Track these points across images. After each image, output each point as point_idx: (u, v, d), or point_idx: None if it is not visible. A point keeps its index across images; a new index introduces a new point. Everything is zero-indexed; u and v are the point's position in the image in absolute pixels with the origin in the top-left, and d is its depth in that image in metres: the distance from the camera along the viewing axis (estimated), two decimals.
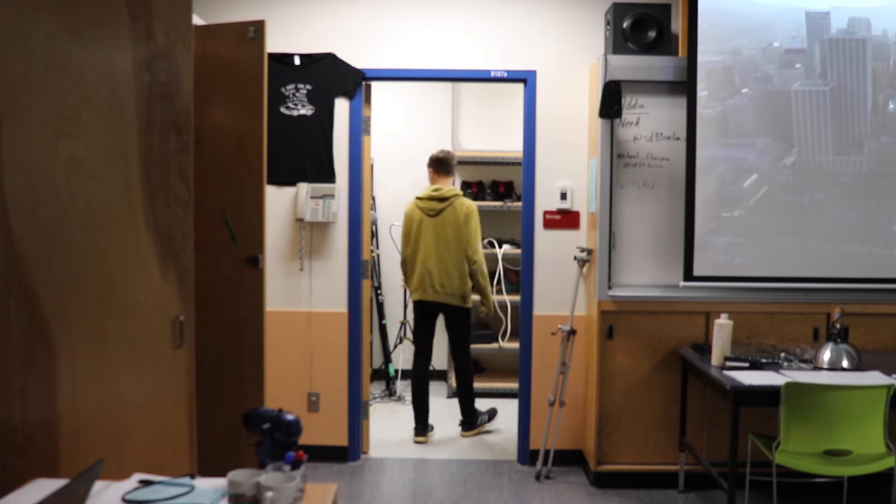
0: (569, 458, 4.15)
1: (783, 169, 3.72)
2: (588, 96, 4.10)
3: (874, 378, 3.09)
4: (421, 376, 4.60)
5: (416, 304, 4.57)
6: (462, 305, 4.49)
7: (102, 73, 2.07)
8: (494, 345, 5.61)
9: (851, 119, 3.70)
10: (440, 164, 4.56)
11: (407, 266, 4.61)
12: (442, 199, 4.45)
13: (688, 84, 3.69)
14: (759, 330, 3.79)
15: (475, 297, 4.72)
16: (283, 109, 4.10)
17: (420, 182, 5.96)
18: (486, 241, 5.48)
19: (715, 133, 3.70)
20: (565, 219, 4.15)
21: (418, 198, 4.53)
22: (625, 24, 3.79)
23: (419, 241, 4.47)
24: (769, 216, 3.72)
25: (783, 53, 3.68)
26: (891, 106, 3.71)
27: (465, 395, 4.63)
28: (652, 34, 3.79)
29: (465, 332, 4.57)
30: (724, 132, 3.71)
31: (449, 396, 5.58)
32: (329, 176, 4.13)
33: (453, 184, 4.78)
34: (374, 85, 4.39)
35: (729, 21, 3.69)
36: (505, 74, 4.13)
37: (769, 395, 2.93)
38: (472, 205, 4.46)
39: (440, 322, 4.65)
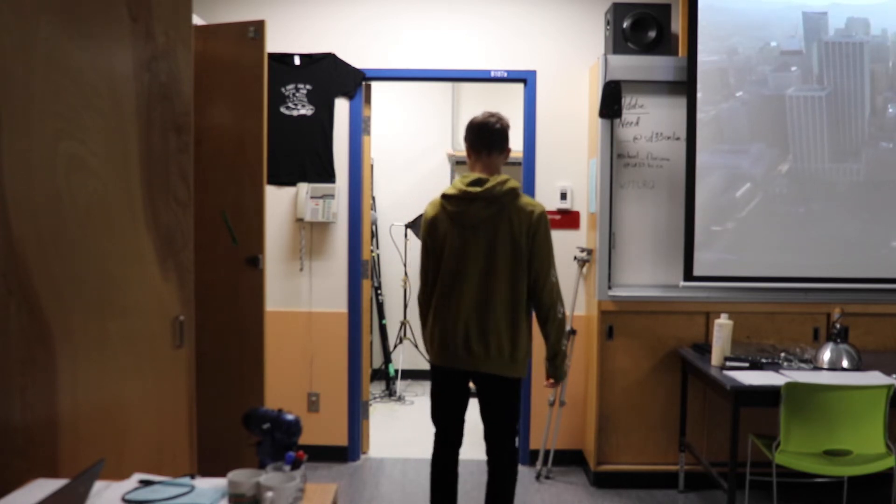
0: (569, 458, 4.15)
1: (778, 176, 3.70)
2: (588, 96, 4.10)
3: (874, 378, 3.08)
4: (444, 471, 2.90)
5: (436, 370, 2.83)
6: (511, 375, 2.71)
7: (102, 73, 2.07)
8: None
9: (849, 124, 3.68)
10: (480, 134, 2.78)
11: (425, 309, 2.86)
12: (487, 198, 2.65)
13: (688, 84, 3.68)
14: (759, 330, 3.79)
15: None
16: (283, 109, 4.10)
17: (421, 182, 5.99)
18: None
19: (709, 138, 3.69)
20: (565, 219, 4.15)
21: (446, 195, 2.74)
22: (625, 24, 3.79)
23: (446, 268, 2.71)
24: (770, 214, 3.72)
25: (779, 55, 3.67)
26: (890, 110, 3.69)
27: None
28: (652, 34, 3.79)
29: (512, 413, 2.79)
30: (718, 137, 3.69)
31: None
32: (329, 176, 4.13)
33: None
34: (374, 85, 4.39)
35: (726, 19, 3.68)
36: (505, 74, 4.13)
37: (769, 395, 2.93)
38: (539, 206, 2.72)
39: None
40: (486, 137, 2.77)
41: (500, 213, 2.65)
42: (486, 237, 2.66)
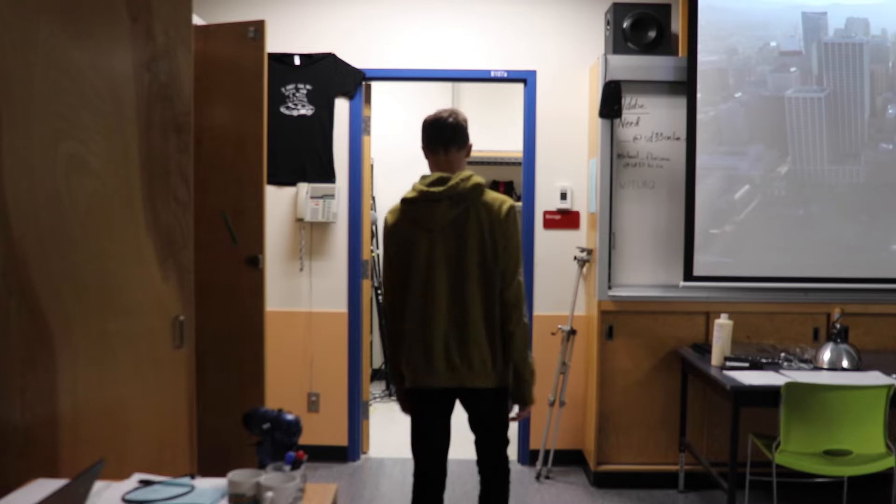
0: (569, 458, 4.15)
1: (777, 178, 3.69)
2: (588, 96, 4.10)
3: (874, 378, 3.08)
4: None
5: (415, 393, 2.55)
6: (497, 385, 2.50)
7: (102, 73, 2.07)
8: None
9: (848, 125, 3.67)
10: (433, 131, 2.59)
11: (395, 326, 2.56)
12: (451, 197, 2.44)
13: (688, 84, 3.68)
14: (759, 330, 3.79)
15: None
16: (283, 109, 4.10)
17: None
18: None
19: (707, 139, 3.69)
20: (565, 219, 4.15)
21: (406, 200, 2.52)
22: (625, 24, 3.79)
23: (416, 278, 2.46)
24: (769, 216, 3.72)
25: (778, 56, 3.67)
26: (889, 111, 3.68)
27: None
28: (652, 34, 3.79)
29: (504, 424, 2.60)
30: (717, 138, 3.69)
31: None
32: (329, 176, 4.13)
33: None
34: (374, 85, 4.39)
35: (726, 18, 3.68)
36: (505, 74, 4.13)
37: (769, 395, 2.92)
38: (507, 200, 2.53)
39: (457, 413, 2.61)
40: (439, 133, 2.56)
41: (467, 211, 2.44)
42: (455, 239, 2.43)
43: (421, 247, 2.45)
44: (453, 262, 2.44)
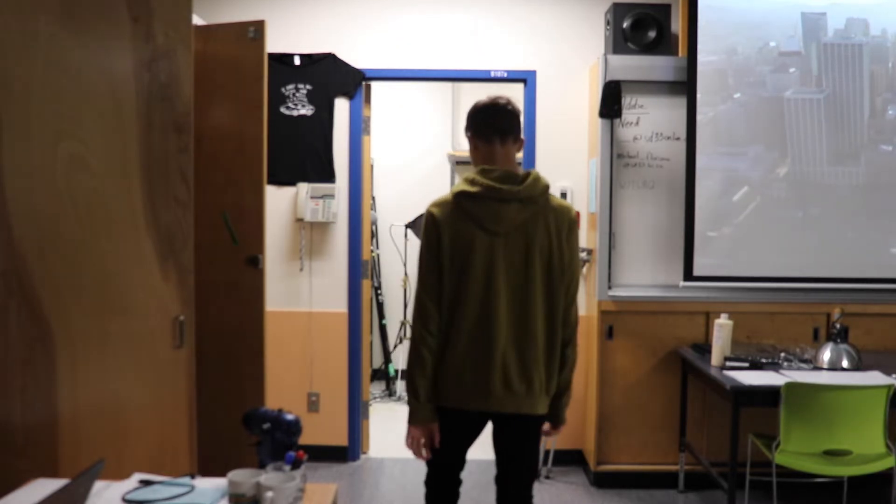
0: (569, 458, 4.15)
1: (776, 180, 3.69)
2: (588, 96, 4.10)
3: (874, 378, 3.08)
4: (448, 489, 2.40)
5: (453, 414, 2.25)
6: (544, 412, 2.28)
7: (102, 73, 2.07)
8: None
9: (848, 126, 3.66)
10: (491, 117, 2.26)
11: (428, 332, 2.21)
12: (523, 199, 2.17)
13: (688, 84, 3.68)
14: (759, 330, 3.79)
15: None
16: (283, 109, 4.10)
17: (421, 182, 5.99)
18: None
19: (706, 140, 3.68)
20: None
21: (466, 195, 2.18)
22: (625, 24, 3.79)
23: (473, 285, 2.16)
24: (768, 219, 3.72)
25: (778, 56, 3.66)
26: (889, 112, 3.67)
27: None
28: (652, 34, 3.79)
29: (536, 459, 2.41)
30: (715, 139, 3.69)
31: None
32: (329, 176, 4.13)
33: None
34: (374, 85, 4.39)
35: (726, 18, 3.67)
36: (505, 74, 4.13)
37: (769, 395, 2.92)
38: (572, 208, 2.32)
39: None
40: (498, 120, 2.24)
41: (536, 215, 2.18)
42: (521, 246, 2.17)
43: (480, 250, 2.15)
44: (517, 271, 2.17)
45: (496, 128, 2.25)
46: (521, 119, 2.33)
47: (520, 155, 2.45)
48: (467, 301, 2.16)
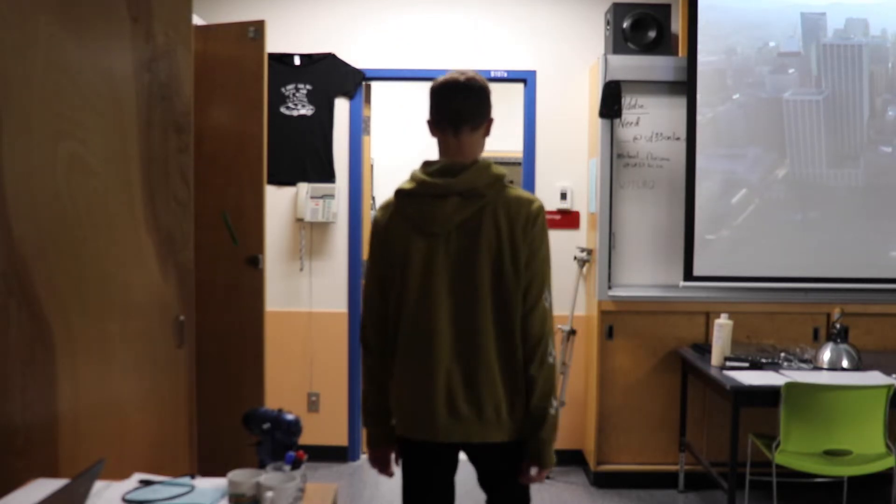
0: (569, 458, 4.14)
1: (775, 181, 3.67)
2: (588, 96, 4.10)
3: (874, 378, 3.08)
4: None
5: (410, 446, 1.99)
6: (514, 437, 1.92)
7: (102, 73, 2.07)
8: None
9: (847, 128, 3.65)
10: (444, 99, 1.95)
11: (373, 355, 2.01)
12: (463, 192, 1.87)
13: (688, 84, 3.68)
14: (759, 330, 3.79)
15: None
16: (283, 109, 4.10)
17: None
18: None
19: (705, 141, 3.67)
20: (565, 219, 4.15)
21: (402, 193, 1.95)
22: (625, 24, 3.79)
23: (409, 295, 1.90)
24: (767, 221, 3.71)
25: (777, 56, 3.66)
26: (889, 112, 3.66)
27: None
28: (652, 34, 3.79)
29: (520, 488, 2.05)
30: (714, 140, 3.68)
31: None
32: (329, 176, 4.13)
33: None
34: (374, 85, 4.39)
35: (725, 17, 3.67)
36: (505, 74, 4.13)
37: (769, 395, 2.92)
38: (535, 200, 1.93)
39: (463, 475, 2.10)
40: (452, 102, 1.91)
41: (482, 211, 1.86)
42: (464, 248, 1.86)
43: (417, 255, 1.88)
44: (460, 277, 1.87)
45: (447, 113, 1.92)
46: (489, 96, 1.96)
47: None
48: (403, 315, 1.90)
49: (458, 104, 1.92)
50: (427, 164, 1.94)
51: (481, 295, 1.86)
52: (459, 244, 1.87)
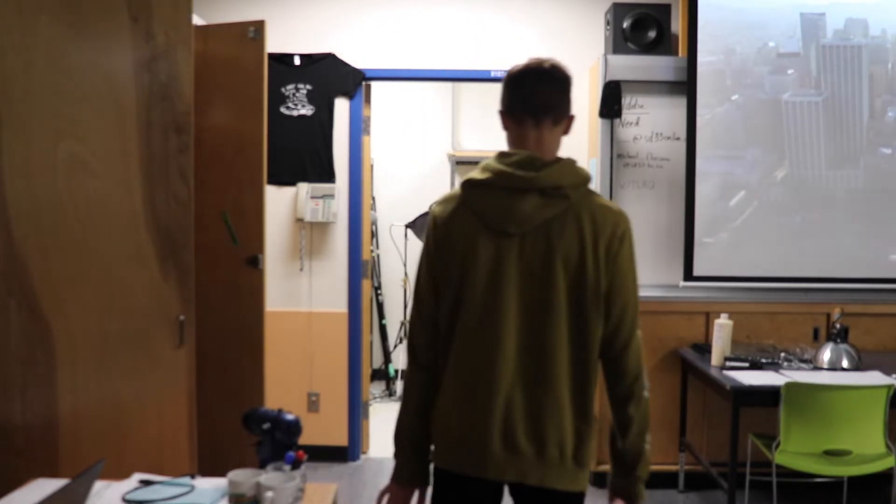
0: None
1: (774, 183, 3.66)
2: (588, 96, 4.10)
3: (874, 378, 3.08)
4: None
5: (450, 478, 1.67)
6: (575, 489, 1.67)
7: (102, 73, 2.07)
8: None
9: (847, 129, 3.65)
10: (523, 87, 1.72)
11: (419, 367, 1.75)
12: (545, 189, 1.60)
13: (688, 84, 3.68)
14: (759, 330, 3.79)
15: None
16: (283, 109, 4.10)
17: (421, 182, 5.99)
18: None
19: (704, 143, 3.67)
20: None
21: (473, 183, 1.65)
22: (625, 24, 3.79)
23: (470, 303, 1.62)
24: (766, 223, 3.71)
25: (776, 57, 3.65)
26: (889, 114, 3.65)
27: None
28: (652, 34, 3.79)
29: None
30: (713, 142, 3.68)
31: None
32: (329, 176, 4.12)
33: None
34: (374, 85, 4.39)
35: (725, 18, 3.67)
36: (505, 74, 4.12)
37: (769, 395, 2.92)
38: (625, 216, 1.66)
39: None
40: (534, 91, 1.69)
41: (565, 214, 1.59)
42: (540, 253, 1.59)
43: (483, 257, 1.60)
44: (532, 288, 1.59)
45: (528, 103, 1.68)
46: (571, 88, 1.79)
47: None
48: (462, 324, 1.62)
49: (542, 93, 1.70)
50: (505, 155, 1.64)
51: (557, 312, 1.59)
52: (535, 249, 1.59)
